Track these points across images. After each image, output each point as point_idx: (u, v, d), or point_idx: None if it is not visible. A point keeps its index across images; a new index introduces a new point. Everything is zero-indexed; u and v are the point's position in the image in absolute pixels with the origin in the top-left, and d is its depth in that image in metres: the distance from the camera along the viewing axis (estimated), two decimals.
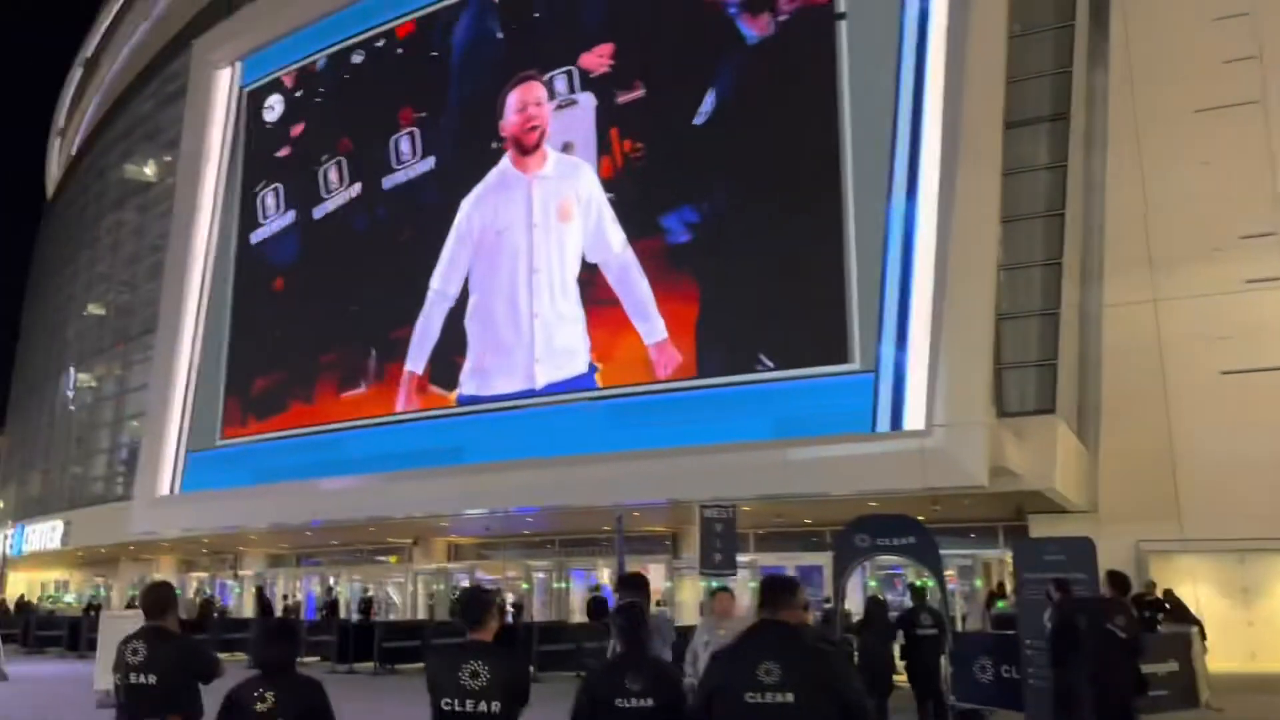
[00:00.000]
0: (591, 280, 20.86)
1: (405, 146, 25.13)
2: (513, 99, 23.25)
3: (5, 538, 40.62)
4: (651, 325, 19.81)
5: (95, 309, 39.98)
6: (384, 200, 25.46)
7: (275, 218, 28.14)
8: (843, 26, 18.47)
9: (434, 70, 25.15)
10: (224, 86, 30.06)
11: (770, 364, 17.92)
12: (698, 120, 19.91)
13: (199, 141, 29.85)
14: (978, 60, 16.43)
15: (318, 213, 26.94)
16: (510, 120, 23.25)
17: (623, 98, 21.31)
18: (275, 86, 28.53)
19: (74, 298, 42.85)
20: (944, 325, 15.86)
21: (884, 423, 16.42)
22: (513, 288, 22.11)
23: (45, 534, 37.41)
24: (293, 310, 26.94)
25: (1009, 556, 18.97)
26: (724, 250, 19.25)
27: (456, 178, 23.85)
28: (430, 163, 24.63)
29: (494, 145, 23.29)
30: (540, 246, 21.84)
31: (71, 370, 40.91)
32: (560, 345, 21.05)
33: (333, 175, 26.80)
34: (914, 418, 16.07)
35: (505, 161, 23.10)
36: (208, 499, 26.59)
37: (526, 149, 22.80)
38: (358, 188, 26.13)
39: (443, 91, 24.87)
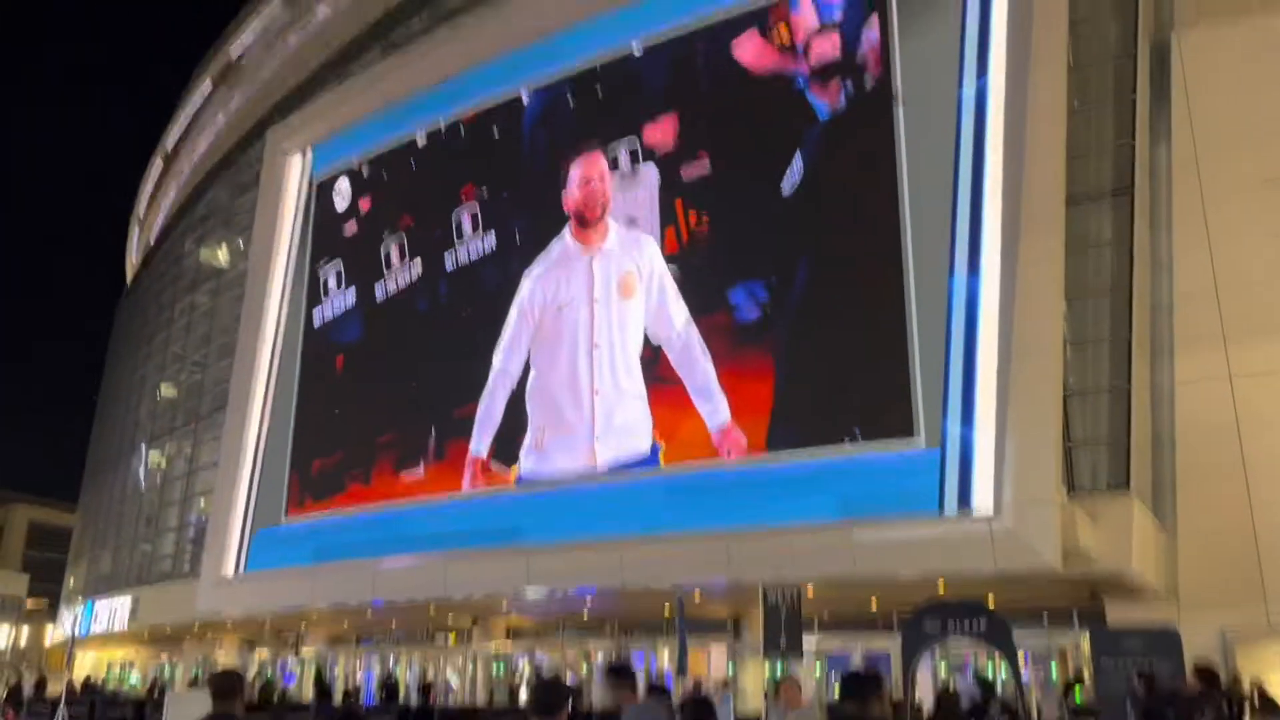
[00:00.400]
0: (656, 357, 20.77)
1: (467, 223, 25.51)
2: (575, 173, 23.50)
3: (75, 617, 41.24)
4: (714, 406, 19.53)
5: (167, 389, 41.03)
6: (445, 277, 25.78)
7: (336, 296, 28.76)
8: (900, 106, 18.59)
9: (496, 147, 25.59)
10: (295, 174, 31.13)
11: (850, 441, 17.59)
12: (785, 191, 19.71)
13: (271, 226, 30.83)
14: (1037, 137, 16.40)
15: (379, 291, 27.46)
16: (572, 194, 23.45)
17: (687, 170, 21.40)
18: (345, 171, 29.42)
19: (147, 378, 44.05)
20: (1010, 402, 15.57)
21: (951, 502, 16.05)
22: (573, 364, 22.10)
23: (113, 612, 37.91)
24: (352, 389, 27.31)
25: (1085, 641, 18.31)
26: (790, 326, 19.12)
27: (518, 254, 24.09)
28: (492, 239, 24.93)
29: (556, 220, 23.46)
30: (601, 322, 21.86)
31: (143, 448, 41.87)
32: (621, 423, 20.90)
33: (394, 253, 27.28)
34: (982, 497, 15.70)
35: (567, 236, 23.27)
36: (271, 578, 26.81)
37: (588, 223, 22.95)
38: (419, 265, 26.55)
39: (504, 168, 25.26)
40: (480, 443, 23.33)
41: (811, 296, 19.00)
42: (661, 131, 22.08)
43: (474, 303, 24.80)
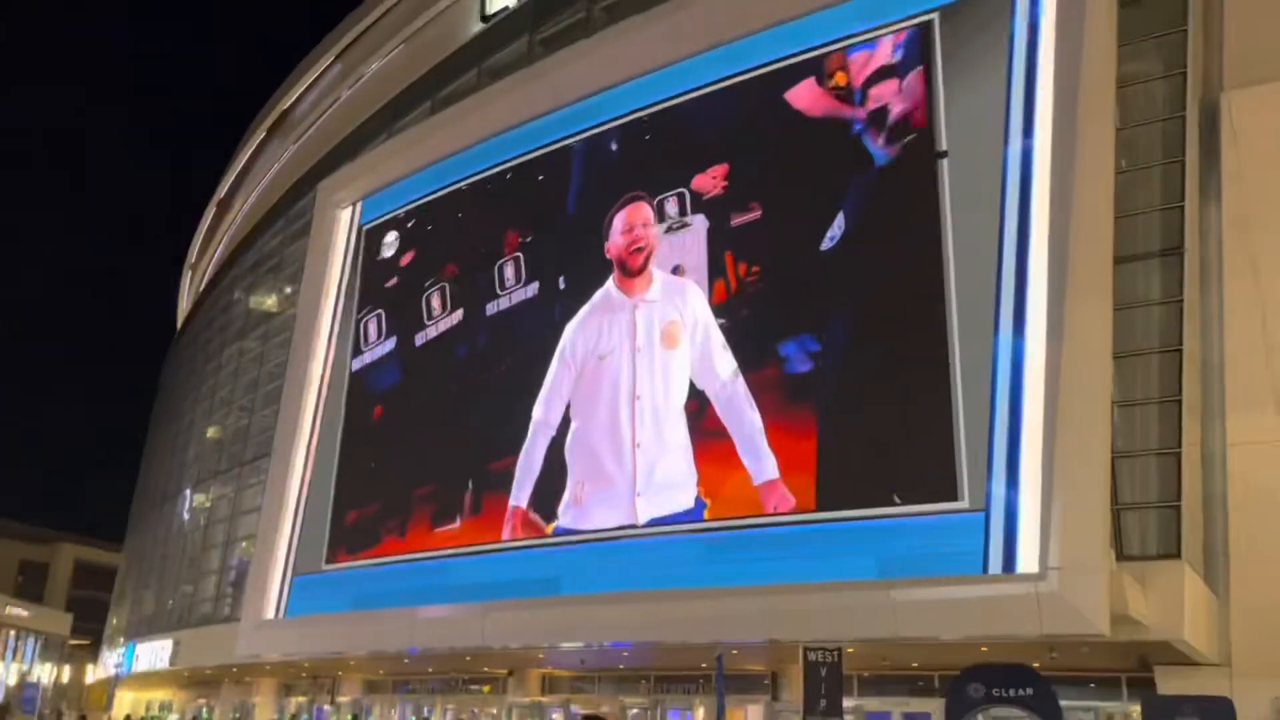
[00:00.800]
0: (702, 409, 20.37)
1: (509, 272, 25.38)
2: (618, 220, 23.26)
3: (117, 657, 41.62)
4: (761, 464, 19.05)
5: (213, 433, 41.67)
6: (486, 327, 25.67)
7: (376, 345, 28.89)
8: (944, 163, 18.57)
9: (540, 195, 25.55)
10: (344, 225, 31.72)
11: (898, 501, 17.26)
12: (826, 245, 19.31)
13: (319, 275, 31.40)
14: (1084, 196, 16.29)
15: (419, 340, 27.50)
16: (615, 242, 23.18)
17: (737, 219, 21.02)
18: (392, 224, 29.91)
19: (195, 422, 44.79)
20: (1056, 464, 15.33)
21: (996, 564, 15.76)
22: (614, 416, 21.77)
23: (154, 653, 38.23)
24: (389, 440, 27.25)
25: (1134, 710, 17.85)
26: (837, 382, 18.78)
27: (561, 304, 23.93)
28: (534, 288, 24.82)
29: (600, 269, 23.20)
30: (643, 373, 21.56)
31: (188, 492, 42.45)
32: (663, 478, 20.49)
33: (435, 302, 27.22)
34: (1027, 560, 15.40)
35: (609, 284, 23.04)
36: (310, 623, 26.92)
37: (631, 271, 22.67)
38: (459, 314, 26.50)
39: (549, 216, 25.17)
40: (520, 494, 23.15)
41: (855, 353, 18.79)
42: (711, 180, 21.79)
43: (514, 353, 24.69)
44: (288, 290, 37.76)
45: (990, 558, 15.83)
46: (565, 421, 22.87)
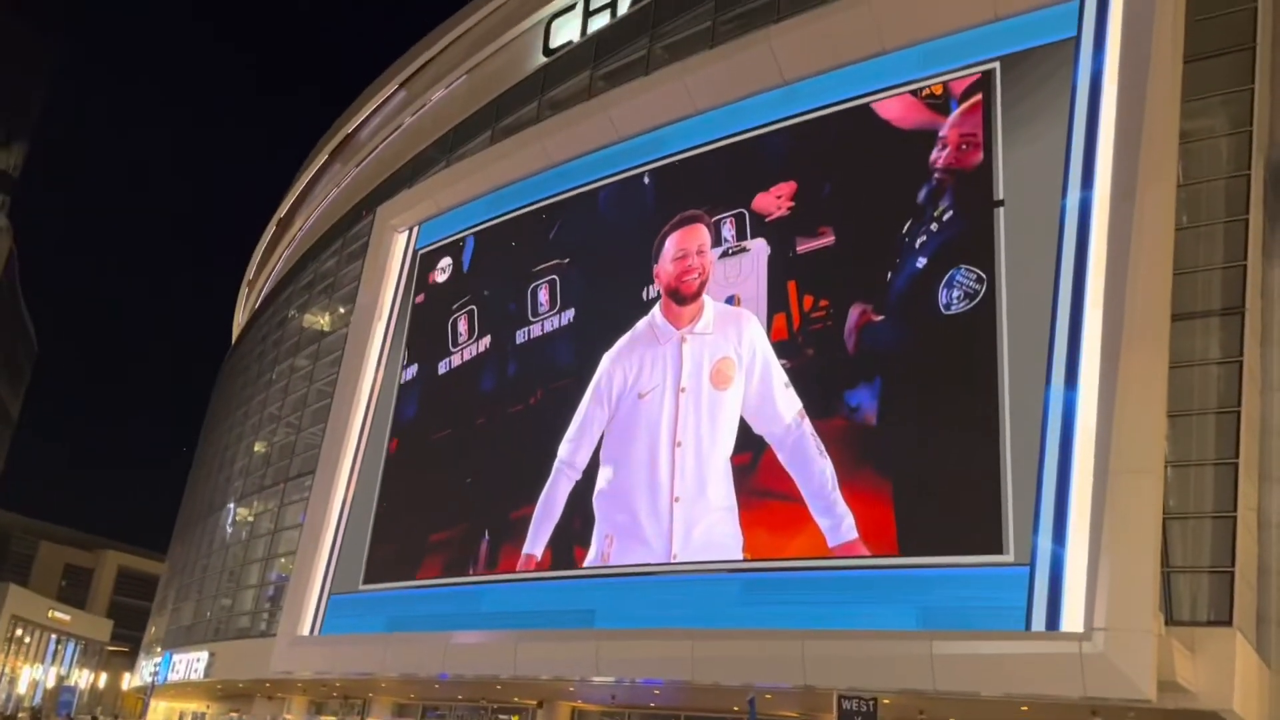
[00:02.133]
0: (753, 464, 18.84)
1: (544, 296, 24.32)
2: (670, 245, 21.82)
3: (154, 666, 42.00)
4: (836, 521, 17.57)
5: (260, 447, 42.15)
6: (516, 355, 24.76)
7: (404, 369, 28.22)
8: (1001, 212, 18.38)
9: (589, 224, 24.64)
10: (400, 248, 32.16)
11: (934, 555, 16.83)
12: (946, 306, 17.18)
13: (373, 297, 31.81)
14: (1142, 251, 16.07)
15: (442, 368, 26.75)
16: (665, 268, 21.67)
17: (805, 245, 19.39)
18: (447, 249, 30.17)
19: (243, 436, 45.34)
20: (1106, 522, 15.01)
21: (1039, 621, 15.44)
22: (651, 463, 20.49)
23: (190, 664, 38.53)
24: (403, 478, 26.60)
25: None
26: (896, 430, 18.03)
27: (598, 331, 22.71)
28: (569, 315, 23.83)
29: (645, 295, 21.95)
30: (687, 415, 20.34)
31: (231, 505, 42.92)
32: (703, 539, 19.19)
33: (462, 326, 26.01)
34: (1072, 619, 15.07)
35: (656, 313, 21.70)
36: (344, 643, 26.99)
37: (684, 299, 21.16)
38: (487, 340, 25.53)
39: (595, 244, 24.23)
40: (535, 543, 22.24)
41: (908, 401, 18.22)
42: (775, 200, 20.06)
43: (545, 386, 23.56)
44: (340, 310, 38.25)
45: (1034, 614, 15.51)
46: (593, 465, 21.94)
